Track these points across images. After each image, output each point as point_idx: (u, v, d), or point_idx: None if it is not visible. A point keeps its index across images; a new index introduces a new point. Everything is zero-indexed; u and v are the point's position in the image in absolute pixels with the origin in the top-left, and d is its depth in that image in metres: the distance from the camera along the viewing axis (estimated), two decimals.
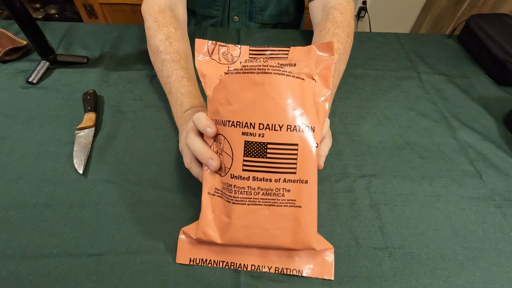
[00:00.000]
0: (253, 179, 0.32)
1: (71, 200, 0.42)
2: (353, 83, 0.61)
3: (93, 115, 0.51)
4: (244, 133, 0.32)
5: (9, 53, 0.59)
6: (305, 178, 0.33)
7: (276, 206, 0.33)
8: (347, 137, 0.52)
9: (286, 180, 0.32)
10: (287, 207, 0.33)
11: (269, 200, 0.33)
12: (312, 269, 0.37)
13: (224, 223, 0.34)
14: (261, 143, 0.32)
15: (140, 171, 0.46)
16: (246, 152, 0.32)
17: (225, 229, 0.34)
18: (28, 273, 0.36)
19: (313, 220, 0.33)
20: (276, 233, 0.34)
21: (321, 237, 0.38)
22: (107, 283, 0.36)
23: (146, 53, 0.64)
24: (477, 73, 0.65)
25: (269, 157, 0.32)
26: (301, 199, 0.33)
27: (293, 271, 0.37)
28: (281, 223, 0.33)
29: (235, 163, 0.33)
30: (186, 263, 0.37)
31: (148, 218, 0.41)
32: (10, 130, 0.49)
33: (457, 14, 1.39)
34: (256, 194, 0.33)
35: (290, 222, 0.33)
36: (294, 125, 0.32)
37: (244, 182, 0.33)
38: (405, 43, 0.71)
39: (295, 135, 0.32)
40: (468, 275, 0.38)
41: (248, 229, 0.34)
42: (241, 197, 0.33)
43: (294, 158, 0.32)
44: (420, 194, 0.46)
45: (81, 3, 1.28)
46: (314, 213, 0.33)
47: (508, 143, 0.53)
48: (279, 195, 0.33)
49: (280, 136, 0.32)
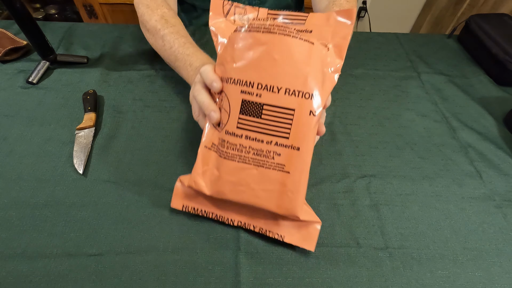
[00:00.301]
0: (246, 138, 0.33)
1: (71, 200, 0.42)
2: (353, 83, 0.61)
3: (93, 115, 0.51)
4: (243, 91, 0.32)
5: (9, 53, 0.59)
6: (297, 145, 0.32)
7: (265, 168, 0.33)
8: (347, 137, 0.52)
9: (278, 143, 0.33)
10: (276, 170, 0.33)
11: (258, 160, 0.33)
12: (294, 237, 0.38)
13: (215, 177, 0.35)
14: (257, 103, 0.32)
15: (140, 171, 0.46)
16: (242, 111, 0.33)
17: (214, 182, 0.35)
18: (28, 273, 0.36)
19: (301, 189, 0.34)
20: (261, 194, 0.34)
21: (309, 208, 0.38)
22: (107, 283, 0.36)
23: (146, 53, 0.64)
24: (477, 73, 0.65)
25: (264, 118, 0.32)
26: (291, 165, 0.33)
27: (275, 235, 0.38)
28: (268, 186, 0.34)
29: (231, 120, 0.33)
30: (179, 209, 0.39)
31: (148, 218, 0.41)
32: (10, 130, 0.49)
33: (457, 14, 1.38)
34: (247, 153, 0.33)
35: (276, 186, 0.34)
36: (293, 90, 0.32)
37: (237, 140, 0.33)
38: (405, 43, 0.71)
39: (292, 100, 0.32)
40: (468, 275, 0.38)
41: (235, 186, 0.35)
42: (232, 154, 0.34)
43: (288, 123, 0.32)
44: (420, 194, 0.46)
45: (81, 3, 1.28)
46: (302, 182, 0.33)
47: (508, 143, 0.53)
48: (269, 157, 0.33)
49: (277, 99, 0.32)
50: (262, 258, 0.38)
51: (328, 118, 0.55)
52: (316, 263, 0.38)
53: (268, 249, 0.39)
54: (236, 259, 0.38)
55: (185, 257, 0.38)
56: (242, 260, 0.38)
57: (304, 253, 0.39)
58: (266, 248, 0.39)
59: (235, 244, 0.39)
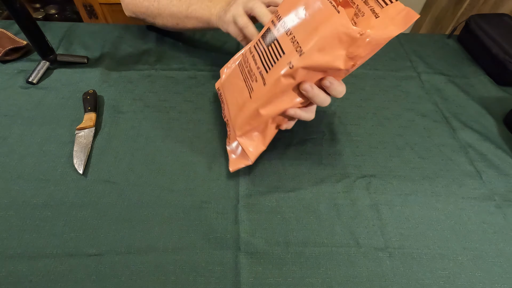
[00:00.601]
0: (252, 56, 0.39)
1: (71, 200, 0.42)
2: (353, 83, 0.61)
3: (93, 115, 0.51)
4: (272, 21, 0.38)
5: (9, 53, 0.59)
6: (267, 82, 0.36)
7: (246, 85, 0.40)
8: (347, 137, 0.52)
9: (261, 72, 0.37)
10: (247, 92, 0.39)
11: (247, 77, 0.40)
12: (233, 154, 0.45)
13: (227, 74, 0.47)
14: (273, 34, 0.37)
15: (140, 171, 0.46)
16: (263, 35, 0.39)
17: (226, 77, 0.47)
18: (28, 273, 0.36)
19: (246, 116, 0.40)
20: (234, 101, 0.42)
21: (254, 140, 0.43)
22: (107, 283, 0.36)
23: (146, 53, 0.64)
24: (477, 73, 0.65)
25: (269, 48, 0.37)
26: (254, 93, 0.38)
27: (227, 142, 0.46)
28: (239, 98, 0.41)
29: (255, 39, 0.41)
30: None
31: (148, 218, 0.41)
32: (10, 130, 0.49)
33: (457, 14, 1.38)
34: (246, 67, 0.40)
35: (240, 102, 0.40)
36: (296, 39, 0.34)
37: (248, 55, 0.40)
38: (405, 43, 0.71)
39: (290, 46, 0.34)
40: (468, 275, 0.38)
41: (229, 85, 0.45)
42: (241, 63, 0.42)
43: (275, 61, 0.35)
44: (420, 194, 0.46)
45: (81, 3, 1.28)
46: (249, 111, 0.39)
47: (508, 143, 0.53)
48: (252, 80, 0.39)
49: (283, 39, 0.35)
50: (262, 258, 0.38)
51: (328, 118, 0.55)
52: (316, 263, 0.38)
53: (268, 249, 0.39)
54: (236, 259, 0.38)
55: (185, 257, 0.38)
56: (242, 260, 0.38)
57: (304, 253, 0.39)
58: (266, 248, 0.39)
59: (235, 244, 0.39)
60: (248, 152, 0.42)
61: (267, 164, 0.48)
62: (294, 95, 0.37)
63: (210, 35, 0.70)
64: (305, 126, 0.53)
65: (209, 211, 0.42)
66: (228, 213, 0.42)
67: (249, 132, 0.42)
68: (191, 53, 0.65)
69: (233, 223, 0.41)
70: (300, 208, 0.43)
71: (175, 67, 0.62)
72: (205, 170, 0.46)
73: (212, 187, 0.45)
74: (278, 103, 0.37)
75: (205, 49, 0.66)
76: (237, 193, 0.44)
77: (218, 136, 0.51)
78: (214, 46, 0.67)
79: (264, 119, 0.39)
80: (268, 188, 0.45)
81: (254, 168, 0.47)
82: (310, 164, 0.48)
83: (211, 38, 0.68)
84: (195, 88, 0.58)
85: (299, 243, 0.40)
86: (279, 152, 0.49)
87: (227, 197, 0.44)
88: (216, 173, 0.46)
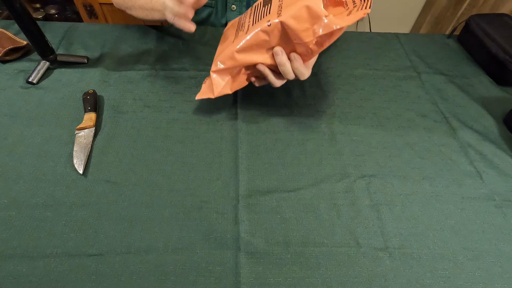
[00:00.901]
0: (250, 12, 0.47)
1: (71, 200, 0.42)
2: (353, 83, 0.61)
3: (93, 115, 0.51)
4: None
5: (9, 53, 0.59)
6: (248, 32, 0.43)
7: (235, 33, 0.47)
8: (347, 137, 0.52)
9: (249, 25, 0.45)
10: (233, 37, 0.46)
11: (238, 27, 0.47)
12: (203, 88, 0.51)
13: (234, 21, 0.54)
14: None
15: (140, 171, 0.46)
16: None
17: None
18: (28, 273, 0.36)
19: (224, 55, 0.45)
20: (224, 44, 0.49)
21: (224, 81, 0.48)
22: (107, 283, 0.36)
23: (146, 53, 0.64)
24: (477, 73, 0.65)
25: (262, 9, 0.44)
26: (236, 39, 0.45)
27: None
28: (227, 42, 0.48)
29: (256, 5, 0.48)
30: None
31: (148, 218, 0.41)
32: (10, 130, 0.49)
33: (457, 14, 1.38)
34: (242, 20, 0.48)
35: (225, 44, 0.48)
36: (281, 3, 0.42)
37: (249, 10, 0.48)
38: (405, 43, 0.71)
39: (276, 7, 0.42)
40: (468, 275, 0.38)
41: (226, 31, 0.53)
42: (242, 16, 0.50)
43: (260, 18, 0.43)
44: (420, 194, 0.46)
45: (81, 3, 1.28)
46: (228, 52, 0.45)
47: (508, 143, 0.53)
48: (240, 30, 0.46)
49: (275, 1, 0.44)
50: (262, 258, 0.38)
51: (328, 118, 0.55)
52: (316, 263, 0.38)
53: (268, 249, 0.39)
54: (236, 259, 0.38)
55: (185, 257, 0.38)
56: (242, 260, 0.38)
57: (304, 253, 0.39)
58: (266, 248, 0.39)
59: (235, 244, 0.39)
60: (215, 87, 0.48)
61: (267, 164, 0.48)
62: (267, 54, 0.45)
63: (210, 35, 0.70)
64: (305, 126, 0.53)
65: (209, 211, 0.42)
66: (228, 213, 0.42)
67: (223, 72, 0.47)
68: (191, 53, 0.65)
69: (233, 223, 0.41)
70: (300, 208, 0.43)
71: (175, 67, 0.62)
72: (205, 170, 0.46)
73: (212, 187, 0.45)
74: (252, 54, 0.44)
75: (205, 49, 0.66)
76: (237, 193, 0.44)
77: (218, 136, 0.51)
78: (214, 46, 0.67)
79: (238, 63, 0.45)
80: (268, 188, 0.45)
81: (254, 168, 0.47)
82: (310, 164, 0.48)
83: (211, 38, 0.68)
84: (195, 88, 0.58)
85: (299, 243, 0.40)
86: (279, 152, 0.49)
87: (227, 197, 0.44)
88: (216, 173, 0.46)
